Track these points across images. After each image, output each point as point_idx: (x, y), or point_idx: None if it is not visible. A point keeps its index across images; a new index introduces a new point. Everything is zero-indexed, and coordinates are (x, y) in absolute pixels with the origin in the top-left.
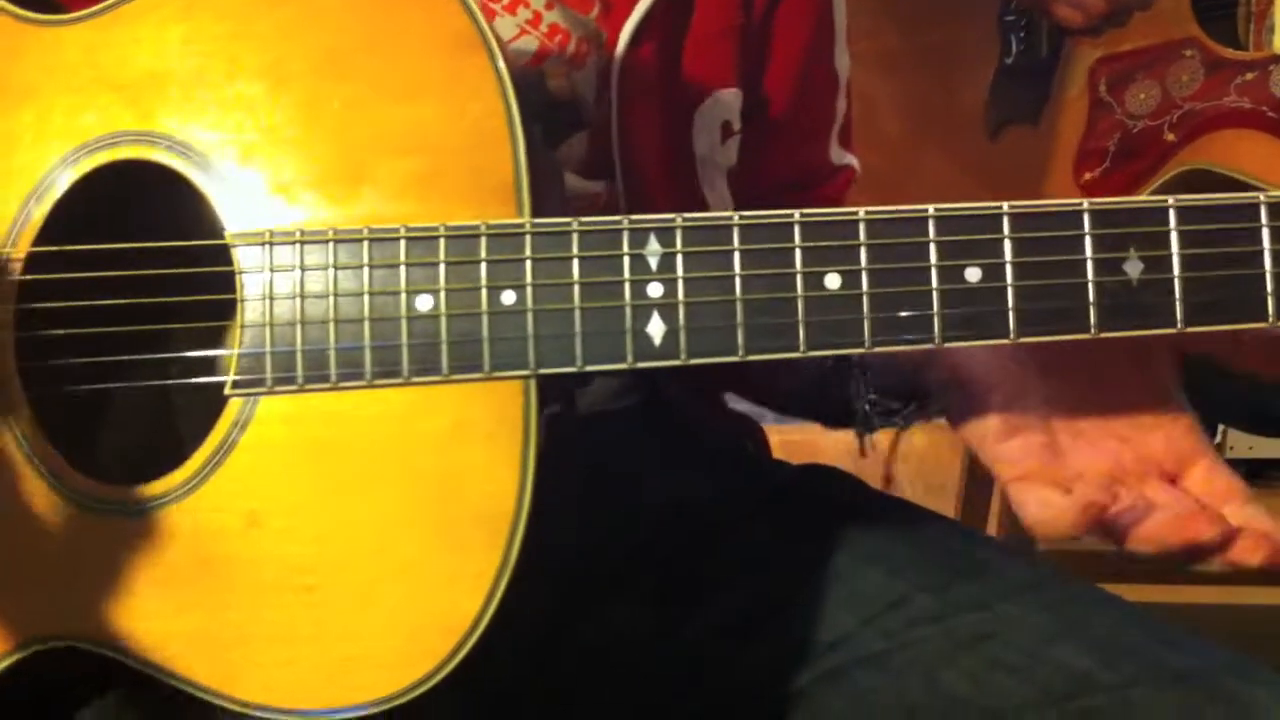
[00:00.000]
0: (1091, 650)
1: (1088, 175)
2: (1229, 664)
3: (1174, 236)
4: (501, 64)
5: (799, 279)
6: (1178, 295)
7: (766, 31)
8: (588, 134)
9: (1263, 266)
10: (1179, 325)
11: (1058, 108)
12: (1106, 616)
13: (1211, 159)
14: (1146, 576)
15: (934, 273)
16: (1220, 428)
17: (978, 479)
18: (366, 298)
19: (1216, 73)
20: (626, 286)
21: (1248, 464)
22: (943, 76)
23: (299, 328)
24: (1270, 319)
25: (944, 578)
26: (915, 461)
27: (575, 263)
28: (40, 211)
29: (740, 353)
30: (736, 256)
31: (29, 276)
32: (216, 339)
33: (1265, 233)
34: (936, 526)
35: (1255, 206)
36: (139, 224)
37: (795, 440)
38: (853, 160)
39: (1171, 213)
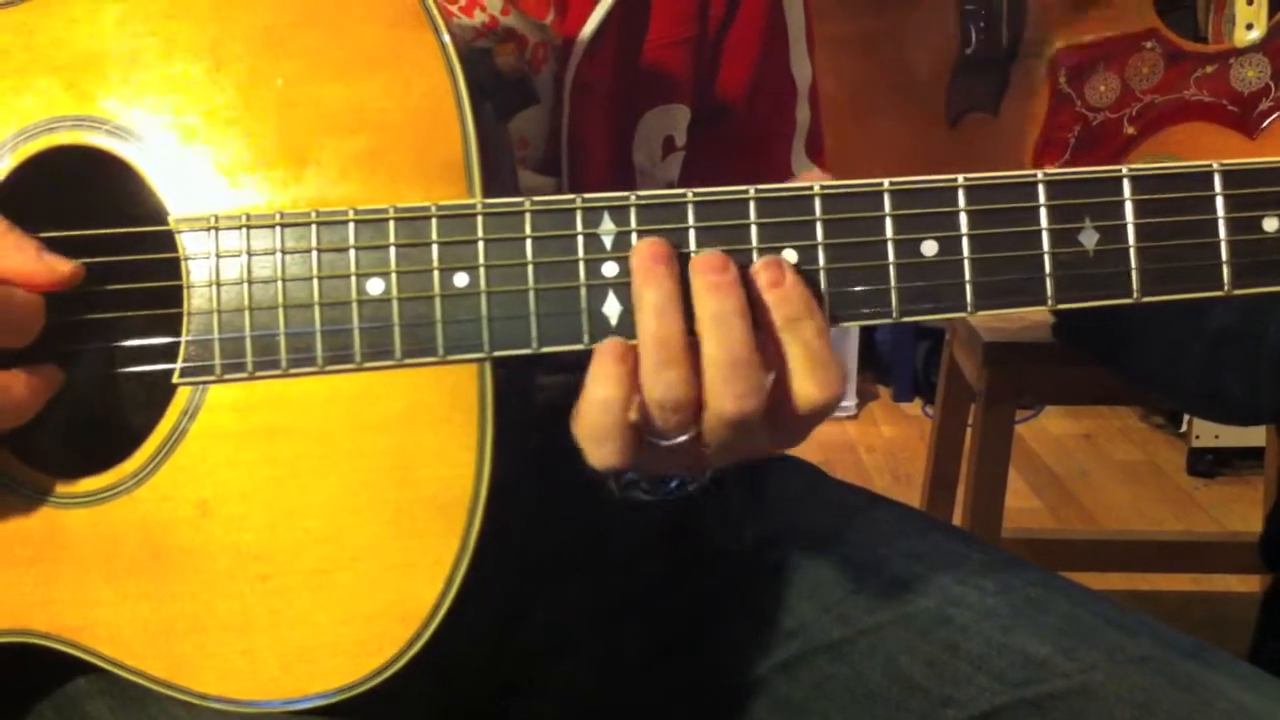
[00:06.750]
0: (1049, 636)
1: (1048, 166)
2: (1187, 649)
3: (1129, 206)
4: (447, 38)
5: (755, 255)
6: (1133, 265)
7: (719, 44)
8: (545, 134)
9: (1217, 235)
10: (1135, 295)
11: (1017, 98)
12: (1065, 602)
13: (1171, 152)
14: (1115, 564)
15: (890, 247)
16: (1185, 417)
17: (944, 469)
18: (316, 282)
19: (1176, 65)
20: (581, 266)
21: (1214, 452)
22: (901, 64)
23: (247, 314)
24: (1225, 287)
25: (902, 565)
26: (883, 452)
27: (528, 243)
28: None
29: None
30: (691, 234)
31: None
32: (163, 326)
33: (1219, 201)
34: (896, 514)
35: (1209, 175)
36: (80, 211)
37: None
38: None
39: (1126, 182)
